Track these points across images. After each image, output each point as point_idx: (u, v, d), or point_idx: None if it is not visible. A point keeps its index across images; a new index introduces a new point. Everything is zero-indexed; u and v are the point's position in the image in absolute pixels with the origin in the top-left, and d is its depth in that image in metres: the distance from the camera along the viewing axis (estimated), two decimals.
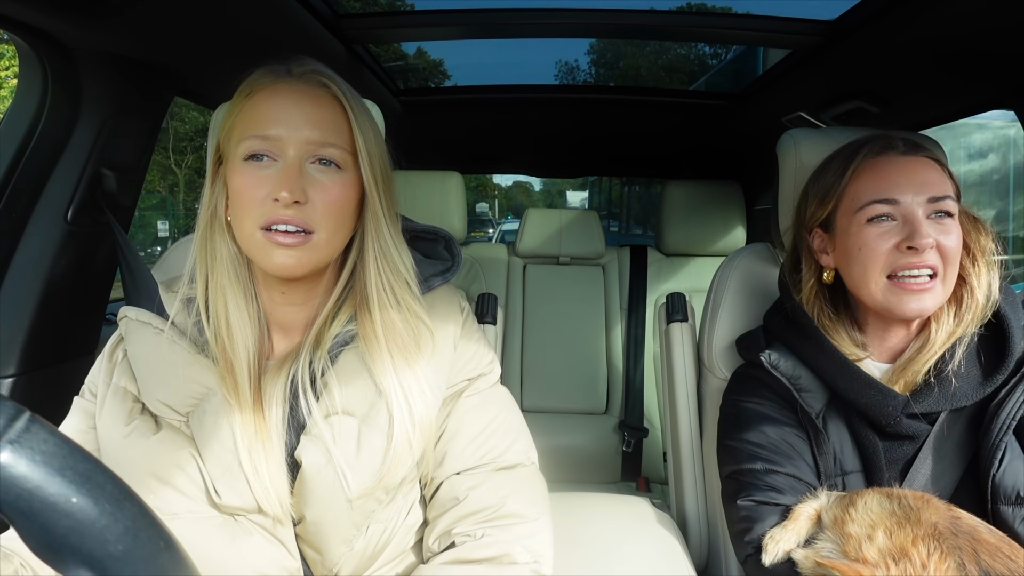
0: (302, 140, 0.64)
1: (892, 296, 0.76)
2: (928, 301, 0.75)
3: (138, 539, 0.27)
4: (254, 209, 0.63)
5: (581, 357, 2.12)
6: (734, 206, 2.09)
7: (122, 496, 0.28)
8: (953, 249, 0.75)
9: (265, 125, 0.64)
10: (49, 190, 0.97)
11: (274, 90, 0.65)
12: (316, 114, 0.65)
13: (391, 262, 0.71)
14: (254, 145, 0.64)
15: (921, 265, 0.74)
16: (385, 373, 0.67)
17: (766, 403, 0.86)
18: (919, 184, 0.76)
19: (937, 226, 0.75)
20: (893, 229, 0.76)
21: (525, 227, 2.21)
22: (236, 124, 0.66)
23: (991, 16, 0.90)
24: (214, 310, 0.68)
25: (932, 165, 0.78)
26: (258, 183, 0.63)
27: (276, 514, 0.64)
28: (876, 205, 0.77)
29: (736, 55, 2.47)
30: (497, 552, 0.65)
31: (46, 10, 0.82)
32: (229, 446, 0.64)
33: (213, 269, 0.69)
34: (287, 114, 0.64)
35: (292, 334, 0.72)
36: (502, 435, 0.73)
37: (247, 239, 0.65)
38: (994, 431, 0.74)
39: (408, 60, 2.68)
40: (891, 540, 0.62)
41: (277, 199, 0.62)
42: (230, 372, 0.66)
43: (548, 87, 1.84)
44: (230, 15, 0.98)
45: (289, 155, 0.64)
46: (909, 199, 0.75)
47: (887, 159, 0.79)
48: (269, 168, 0.64)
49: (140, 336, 0.70)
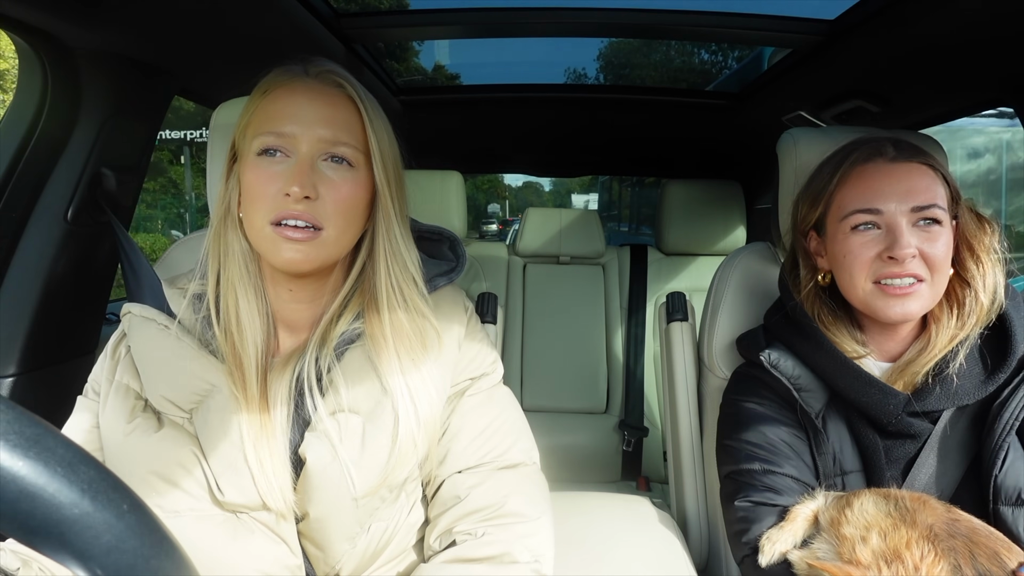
0: (315, 137, 0.65)
1: (877, 300, 0.77)
2: (912, 305, 0.75)
3: (96, 501, 0.27)
4: (265, 204, 0.64)
5: (581, 356, 2.12)
6: (734, 205, 2.09)
7: (76, 460, 0.27)
8: (939, 256, 0.75)
9: (279, 122, 0.65)
10: (49, 190, 0.97)
11: (290, 88, 0.67)
12: (330, 113, 0.66)
13: (401, 262, 0.72)
14: (267, 141, 0.65)
15: (903, 274, 0.75)
16: (391, 372, 0.67)
17: (766, 403, 0.86)
18: (903, 193, 0.76)
19: (922, 234, 0.75)
20: (877, 238, 0.77)
21: (525, 227, 2.21)
22: (252, 121, 0.67)
23: (991, 15, 0.90)
24: (224, 306, 0.69)
25: (922, 171, 0.77)
26: (270, 178, 0.64)
27: (280, 510, 0.64)
28: (859, 214, 0.77)
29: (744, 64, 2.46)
30: (498, 551, 0.65)
31: (46, 10, 0.82)
32: (234, 442, 0.64)
33: (225, 265, 0.70)
34: (301, 111, 0.65)
35: (298, 332, 0.73)
36: (504, 434, 0.74)
37: (257, 233, 0.66)
38: (997, 431, 0.73)
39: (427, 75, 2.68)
40: (885, 542, 0.62)
41: (288, 194, 0.63)
42: (238, 368, 0.66)
43: (548, 86, 1.84)
44: (230, 15, 0.98)
45: (302, 152, 0.65)
46: (892, 208, 0.75)
47: (873, 166, 0.79)
48: (281, 164, 0.65)
49: (144, 332, 0.70)
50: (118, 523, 0.27)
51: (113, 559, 0.27)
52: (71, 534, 0.26)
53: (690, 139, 2.16)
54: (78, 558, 0.27)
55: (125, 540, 0.28)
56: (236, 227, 0.70)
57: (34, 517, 0.25)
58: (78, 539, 0.26)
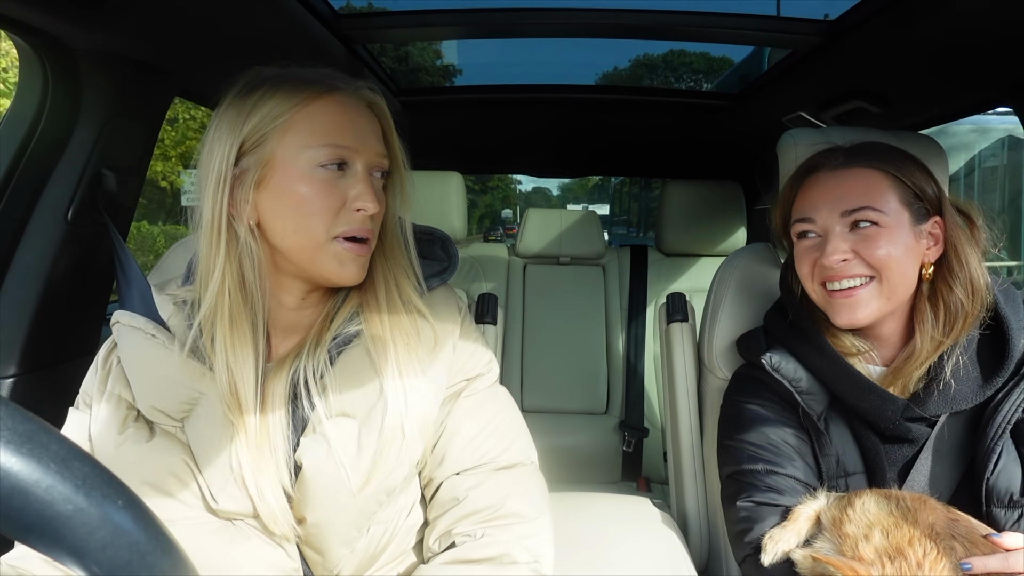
0: (373, 152, 0.67)
1: (828, 306, 0.80)
2: (860, 311, 0.77)
3: (90, 497, 0.27)
4: (327, 217, 0.64)
5: (581, 357, 2.12)
6: (734, 206, 2.09)
7: (70, 455, 0.27)
8: (880, 257, 0.75)
9: (339, 134, 0.65)
10: (49, 190, 0.97)
11: (339, 100, 0.66)
12: (376, 126, 0.69)
13: (398, 259, 0.73)
14: (330, 153, 0.64)
15: (841, 276, 0.77)
16: (389, 372, 0.67)
17: (767, 404, 0.86)
18: (835, 200, 0.78)
19: (857, 238, 0.76)
20: (815, 244, 0.80)
21: (525, 227, 2.22)
22: (294, 128, 0.64)
23: (991, 14, 0.90)
24: (219, 316, 0.67)
25: (863, 174, 0.78)
26: (334, 191, 0.64)
27: (275, 519, 0.63)
28: (799, 223, 0.82)
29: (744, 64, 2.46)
30: (497, 552, 0.65)
31: (47, 10, 0.82)
32: (227, 451, 0.64)
33: (221, 274, 0.66)
34: (357, 125, 0.66)
35: (293, 336, 0.72)
36: (501, 435, 0.73)
37: (316, 248, 0.65)
38: (989, 435, 0.73)
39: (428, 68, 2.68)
40: (888, 539, 0.62)
41: (360, 209, 0.64)
42: (230, 376, 0.65)
43: (548, 87, 1.84)
44: (230, 15, 0.98)
45: (359, 166, 0.66)
46: (824, 216, 0.79)
47: (815, 177, 0.82)
48: (343, 177, 0.65)
49: (132, 341, 0.68)
50: (113, 519, 0.27)
51: (109, 555, 0.27)
52: (65, 530, 0.26)
53: (690, 139, 2.16)
54: (73, 555, 0.26)
55: (120, 536, 0.27)
56: (235, 237, 0.65)
57: (27, 514, 0.25)
58: (72, 535, 0.26)
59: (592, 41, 1.38)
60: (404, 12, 1.29)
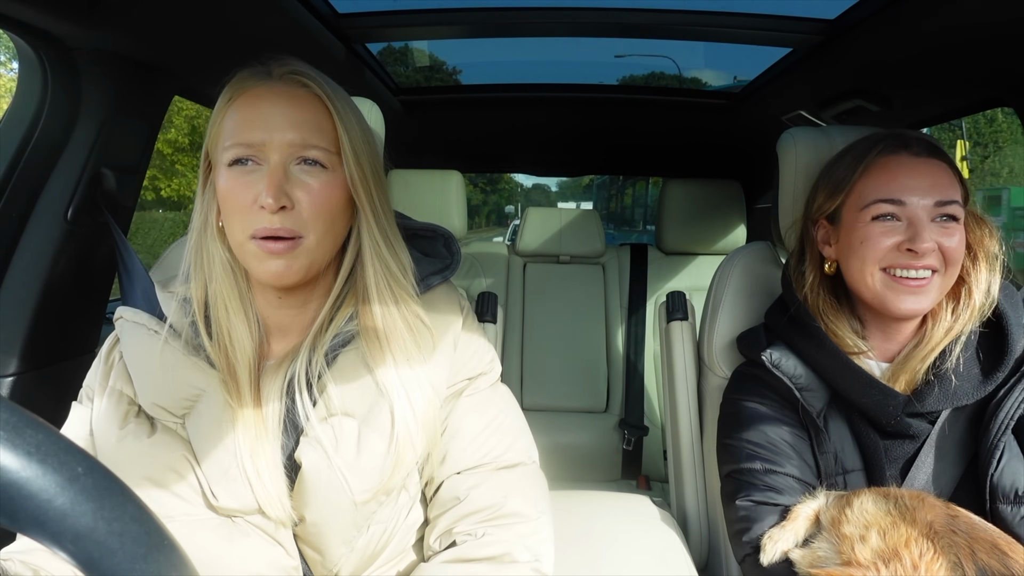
0: (284, 143, 0.63)
1: (888, 291, 0.77)
2: (924, 301, 0.76)
3: (45, 464, 0.26)
4: (243, 216, 0.63)
5: (581, 356, 2.12)
6: (734, 205, 2.09)
7: (21, 423, 0.26)
8: (954, 251, 0.76)
9: (246, 131, 0.63)
10: (49, 190, 0.97)
11: (255, 94, 0.65)
12: (296, 115, 0.64)
13: (387, 259, 0.70)
14: (237, 151, 0.63)
15: (919, 266, 0.75)
16: (387, 372, 0.67)
17: (767, 402, 0.86)
18: (927, 187, 0.76)
19: (940, 229, 0.76)
20: (896, 229, 0.77)
21: (525, 226, 2.21)
22: (220, 131, 0.65)
23: (990, 14, 0.90)
24: (214, 315, 0.68)
25: (943, 168, 0.79)
26: (243, 188, 0.63)
27: (278, 516, 0.64)
28: (882, 204, 0.77)
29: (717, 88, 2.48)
30: (498, 551, 0.65)
31: (46, 10, 0.82)
32: (228, 448, 0.64)
33: (210, 275, 0.68)
34: (267, 118, 0.63)
35: (290, 336, 0.72)
36: (503, 434, 0.73)
37: (239, 248, 0.65)
38: (992, 431, 0.74)
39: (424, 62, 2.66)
40: (884, 541, 0.63)
41: (263, 206, 0.62)
42: (231, 375, 0.66)
43: (548, 86, 1.84)
44: (229, 15, 0.98)
45: (272, 159, 0.63)
46: (915, 201, 0.76)
47: (898, 159, 0.79)
48: (254, 173, 0.63)
49: (134, 338, 0.69)
50: (72, 487, 0.26)
51: (70, 523, 0.26)
52: (20, 499, 0.25)
53: (690, 139, 2.16)
54: (32, 526, 0.25)
55: (81, 503, 0.26)
56: (215, 239, 0.68)
57: (17, 509, 0.25)
58: (29, 504, 0.25)
59: (592, 41, 1.38)
60: (404, 11, 1.29)
